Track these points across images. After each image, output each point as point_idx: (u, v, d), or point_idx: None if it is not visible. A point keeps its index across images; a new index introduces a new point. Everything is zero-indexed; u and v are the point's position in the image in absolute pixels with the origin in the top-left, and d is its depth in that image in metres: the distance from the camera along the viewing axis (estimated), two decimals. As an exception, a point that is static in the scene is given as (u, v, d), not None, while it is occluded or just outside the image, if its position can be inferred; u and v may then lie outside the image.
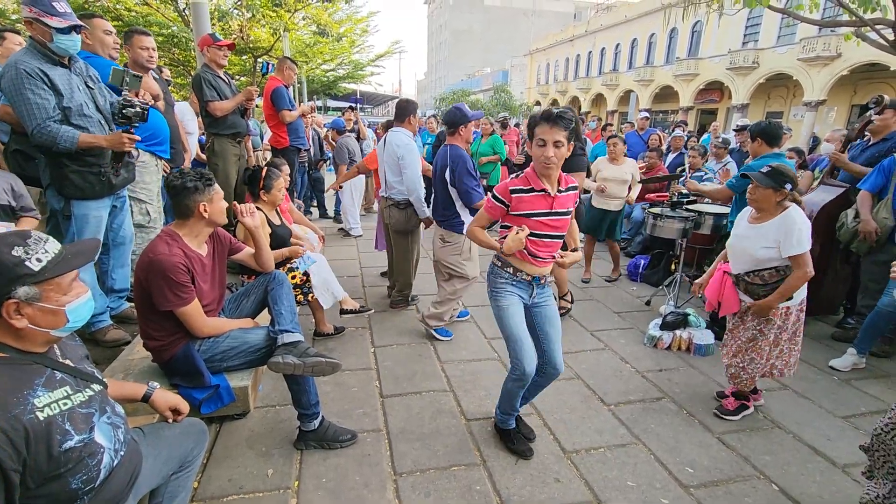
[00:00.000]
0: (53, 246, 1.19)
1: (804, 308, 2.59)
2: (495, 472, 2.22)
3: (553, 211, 2.09)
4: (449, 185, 3.34)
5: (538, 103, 41.34)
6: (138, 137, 2.51)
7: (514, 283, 2.18)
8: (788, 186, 2.40)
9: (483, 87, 47.85)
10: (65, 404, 1.19)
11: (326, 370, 2.07)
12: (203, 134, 4.56)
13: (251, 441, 2.37)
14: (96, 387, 1.33)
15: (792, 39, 21.87)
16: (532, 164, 2.08)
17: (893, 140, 3.67)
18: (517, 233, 2.03)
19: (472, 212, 3.41)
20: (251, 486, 2.07)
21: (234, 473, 2.14)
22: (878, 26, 6.13)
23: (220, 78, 3.83)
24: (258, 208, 2.96)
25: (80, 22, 2.34)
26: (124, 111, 2.41)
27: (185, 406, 1.63)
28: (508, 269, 2.17)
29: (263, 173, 2.99)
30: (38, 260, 1.14)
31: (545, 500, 2.07)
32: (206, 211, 1.94)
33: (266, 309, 2.30)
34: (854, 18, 6.30)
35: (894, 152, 3.56)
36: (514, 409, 2.34)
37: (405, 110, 3.75)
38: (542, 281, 2.22)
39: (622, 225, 5.00)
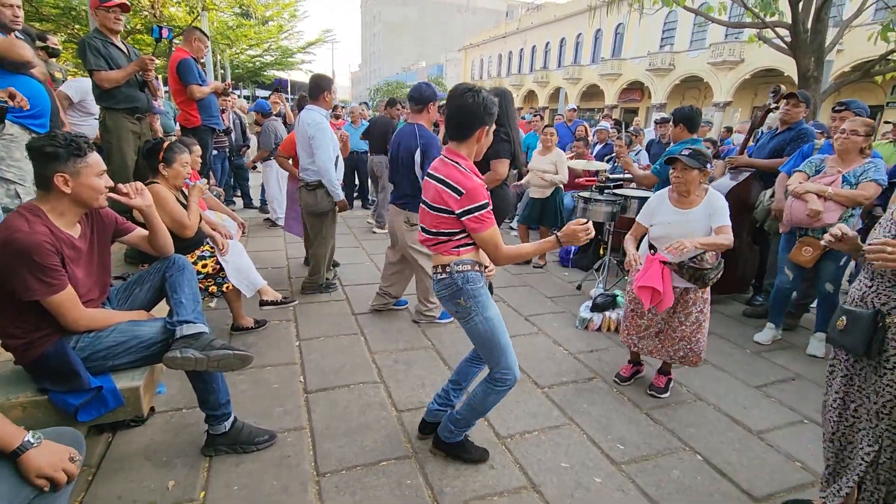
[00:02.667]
0: None
1: None
2: (427, 463, 2.10)
3: None
4: (417, 166, 3.15)
5: (473, 98, 41.69)
6: None
7: (483, 281, 1.92)
8: (709, 166, 2.49)
9: (418, 80, 47.54)
10: None
11: (235, 364, 1.83)
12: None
13: (150, 450, 2.08)
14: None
15: (703, 44, 23.65)
16: (465, 154, 1.86)
17: (797, 129, 3.95)
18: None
19: None
20: (146, 501, 1.80)
21: (126, 488, 1.86)
22: (777, 28, 6.66)
23: (115, 45, 3.36)
24: (156, 182, 2.63)
25: None
26: None
27: (62, 476, 1.25)
28: (478, 269, 1.89)
29: (164, 145, 2.65)
30: None
31: (479, 488, 1.98)
32: (66, 185, 1.60)
33: (164, 300, 2.01)
34: (756, 21, 6.81)
35: (796, 140, 3.85)
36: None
37: (319, 87, 3.54)
38: None
39: (560, 213, 5.08)
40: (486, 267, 1.97)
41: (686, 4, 7.06)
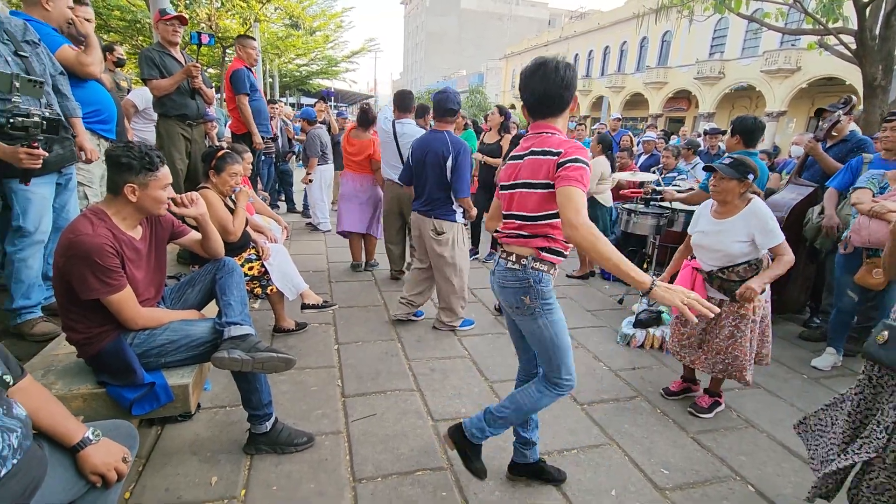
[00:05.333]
0: None
1: (769, 298, 2.61)
2: (463, 476, 2.07)
3: None
4: (448, 171, 3.24)
5: (513, 107, 41.62)
6: (44, 153, 2.12)
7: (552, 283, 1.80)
8: (750, 177, 2.37)
9: (459, 88, 47.88)
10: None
11: (279, 366, 1.87)
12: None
13: (196, 446, 2.15)
14: (-12, 384, 1.12)
15: (755, 52, 22.69)
16: (560, 127, 1.80)
17: (855, 140, 3.72)
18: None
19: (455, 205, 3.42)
20: (191, 496, 1.86)
21: (173, 482, 1.92)
22: (841, 35, 6.30)
23: (171, 56, 3.55)
24: (206, 187, 2.74)
25: None
26: (12, 121, 1.94)
27: (113, 475, 1.30)
28: (554, 272, 1.76)
29: (219, 154, 2.76)
30: None
31: (516, 506, 1.94)
32: (133, 194, 1.70)
33: (214, 300, 2.08)
34: (818, 27, 6.46)
35: (854, 152, 3.61)
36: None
37: (412, 101, 3.91)
38: None
39: (604, 223, 4.97)
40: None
41: (741, 11, 6.80)
